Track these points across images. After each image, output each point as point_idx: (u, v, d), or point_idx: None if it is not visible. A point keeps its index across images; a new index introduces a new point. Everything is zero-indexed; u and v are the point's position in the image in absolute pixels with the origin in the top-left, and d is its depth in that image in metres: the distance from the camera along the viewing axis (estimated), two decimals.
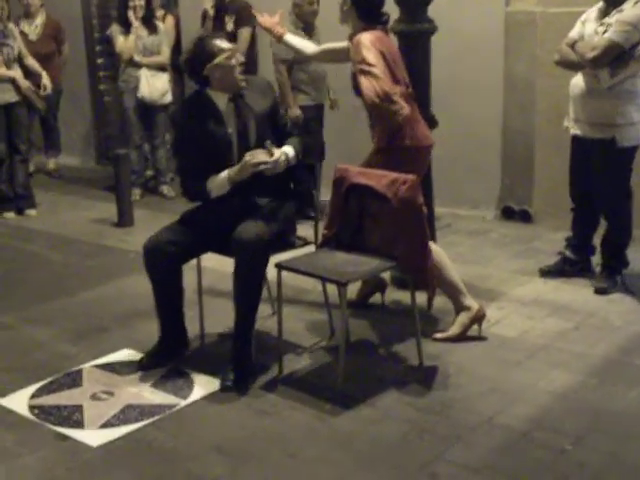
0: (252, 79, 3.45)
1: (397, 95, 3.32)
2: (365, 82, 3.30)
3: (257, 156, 3.19)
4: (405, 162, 3.30)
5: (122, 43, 6.00)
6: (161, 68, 6.10)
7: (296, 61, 5.14)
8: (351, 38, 3.47)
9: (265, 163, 3.17)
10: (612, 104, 3.80)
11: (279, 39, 3.89)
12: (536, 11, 4.96)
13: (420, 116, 3.57)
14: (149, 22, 6.01)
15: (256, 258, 3.10)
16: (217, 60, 3.24)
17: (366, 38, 3.35)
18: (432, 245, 3.34)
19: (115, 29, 6.08)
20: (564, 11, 4.64)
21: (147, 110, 6.13)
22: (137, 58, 6.00)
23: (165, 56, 6.11)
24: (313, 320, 3.78)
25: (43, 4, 6.56)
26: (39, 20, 6.47)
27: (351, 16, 3.48)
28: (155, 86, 6.05)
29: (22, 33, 6.15)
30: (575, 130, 3.99)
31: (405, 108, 3.34)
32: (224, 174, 3.25)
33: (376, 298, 3.94)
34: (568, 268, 4.23)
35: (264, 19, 3.90)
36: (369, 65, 3.29)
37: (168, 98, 6.15)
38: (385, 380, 3.19)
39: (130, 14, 5.93)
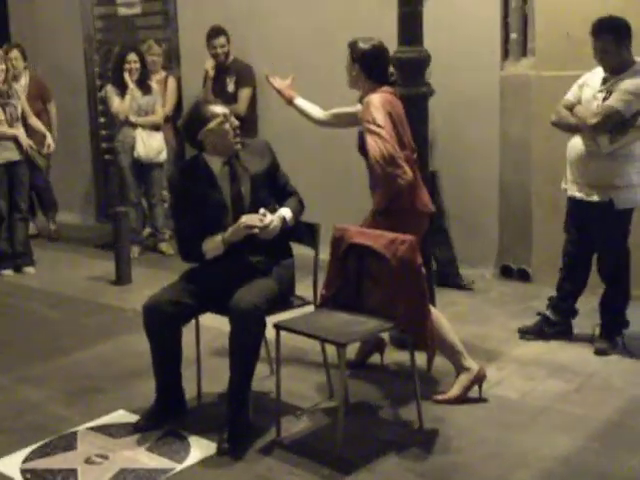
0: (250, 142, 3.50)
1: (402, 159, 3.35)
2: (372, 143, 3.34)
3: (251, 219, 3.22)
4: (403, 226, 3.31)
5: (118, 104, 6.08)
6: (156, 127, 6.18)
7: None
8: (361, 100, 3.53)
9: (257, 227, 3.21)
10: (610, 166, 3.84)
11: (289, 102, 3.94)
12: (530, 74, 5.05)
13: (422, 182, 3.60)
14: (143, 83, 6.11)
15: (253, 327, 3.08)
16: (210, 125, 3.28)
17: (376, 99, 3.41)
18: (430, 307, 3.33)
19: (110, 90, 6.16)
20: (557, 75, 4.72)
21: (142, 167, 6.18)
22: (132, 118, 6.08)
23: (159, 116, 6.19)
24: (312, 381, 3.73)
25: (27, 66, 6.61)
26: (23, 81, 6.51)
27: (360, 79, 3.54)
28: (151, 145, 6.12)
29: None
30: (573, 192, 4.01)
31: (409, 173, 3.37)
32: (218, 237, 3.27)
33: (375, 358, 3.91)
34: (547, 329, 4.20)
35: (276, 81, 3.96)
36: (378, 126, 3.33)
37: (163, 156, 6.22)
38: (385, 443, 3.14)
39: (126, 76, 6.03)
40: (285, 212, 3.37)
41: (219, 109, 3.33)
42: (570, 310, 4.20)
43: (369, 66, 3.51)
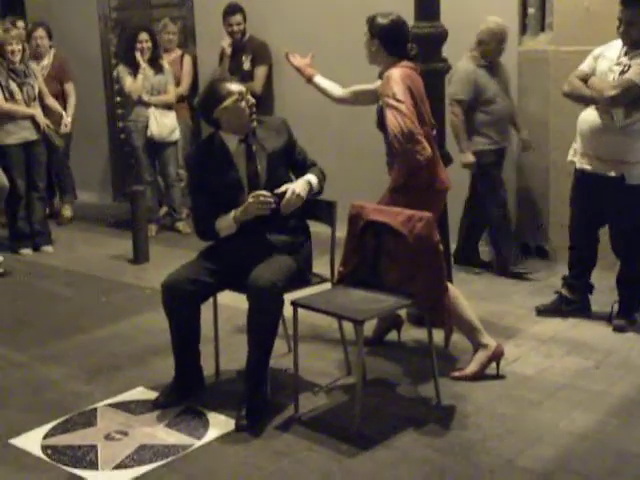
0: (266, 119, 3.49)
1: (421, 135, 3.33)
2: (391, 117, 3.31)
3: (259, 198, 3.20)
4: (420, 202, 3.30)
5: (130, 84, 6.06)
6: (168, 106, 6.16)
7: (479, 102, 4.71)
8: (381, 75, 3.50)
9: (269, 204, 3.19)
10: (623, 142, 3.80)
11: (309, 80, 3.92)
12: (548, 50, 4.99)
13: (439, 159, 3.57)
14: (155, 62, 6.09)
15: (270, 304, 3.09)
16: (225, 103, 3.27)
17: (397, 73, 3.37)
18: (448, 284, 3.32)
19: (122, 70, 6.14)
20: (575, 49, 4.66)
21: (156, 146, 6.17)
22: (145, 98, 6.06)
23: (172, 95, 6.17)
24: (329, 358, 3.74)
25: (52, 45, 6.54)
26: (46, 61, 6.48)
27: (379, 54, 3.51)
28: (164, 124, 6.10)
29: None
30: (583, 165, 3.98)
31: (427, 149, 3.34)
32: (231, 214, 3.27)
33: (392, 335, 3.91)
34: (565, 307, 4.17)
35: (295, 59, 3.93)
36: (397, 101, 3.30)
37: (176, 135, 6.20)
38: (403, 420, 3.15)
39: (138, 55, 6.01)
40: (310, 177, 3.36)
41: (235, 87, 3.31)
42: (585, 286, 4.18)
43: (388, 41, 3.47)
